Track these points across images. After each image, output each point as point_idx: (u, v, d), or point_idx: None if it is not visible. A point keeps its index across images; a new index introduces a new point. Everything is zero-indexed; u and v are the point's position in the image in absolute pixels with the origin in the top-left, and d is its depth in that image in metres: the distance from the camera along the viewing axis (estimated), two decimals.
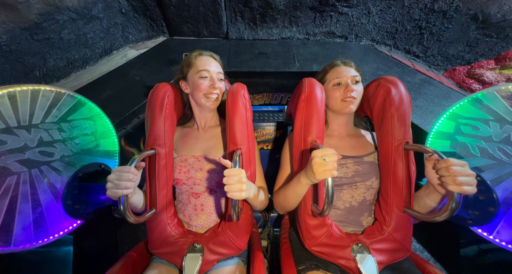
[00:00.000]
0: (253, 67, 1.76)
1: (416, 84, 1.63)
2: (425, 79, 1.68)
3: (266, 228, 1.31)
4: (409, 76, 1.71)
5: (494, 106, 0.95)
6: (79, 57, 1.76)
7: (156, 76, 1.69)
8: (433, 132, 1.04)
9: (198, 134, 0.99)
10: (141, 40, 2.15)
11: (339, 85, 0.92)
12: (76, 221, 0.96)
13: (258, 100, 2.07)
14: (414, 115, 1.30)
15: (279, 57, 1.87)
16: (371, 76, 1.65)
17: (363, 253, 0.79)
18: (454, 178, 0.62)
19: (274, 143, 1.44)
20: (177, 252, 0.83)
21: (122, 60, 1.90)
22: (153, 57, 1.92)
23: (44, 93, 0.96)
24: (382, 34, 2.06)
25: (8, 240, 0.82)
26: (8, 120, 0.88)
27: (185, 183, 0.91)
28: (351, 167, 0.89)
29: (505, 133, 0.91)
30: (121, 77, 1.68)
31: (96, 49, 1.86)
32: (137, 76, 1.69)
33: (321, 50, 1.98)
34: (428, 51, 1.98)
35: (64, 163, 0.96)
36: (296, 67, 1.77)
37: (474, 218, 0.84)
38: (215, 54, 1.00)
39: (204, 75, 0.92)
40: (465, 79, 1.83)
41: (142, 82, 1.64)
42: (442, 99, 1.50)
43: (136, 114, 1.46)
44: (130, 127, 1.37)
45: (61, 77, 1.70)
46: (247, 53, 1.92)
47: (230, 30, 2.10)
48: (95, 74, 1.73)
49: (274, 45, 2.03)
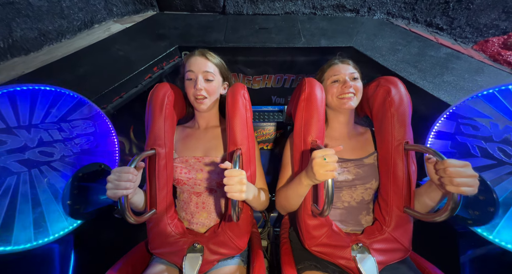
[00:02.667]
0: (253, 42, 1.57)
1: (442, 59, 1.44)
2: (451, 53, 1.50)
3: (266, 228, 1.31)
4: (432, 51, 1.51)
5: (494, 106, 0.95)
6: (54, 28, 1.53)
7: (143, 51, 1.50)
8: (433, 132, 1.04)
9: (199, 134, 0.99)
10: (127, 13, 1.90)
11: (337, 82, 0.92)
12: (76, 221, 0.96)
13: (258, 83, 1.90)
14: (442, 91, 1.20)
15: (282, 33, 1.66)
16: (388, 51, 1.49)
17: (363, 253, 0.79)
18: (452, 179, 0.62)
19: (274, 143, 1.43)
20: (177, 252, 0.83)
21: (105, 34, 1.67)
22: (140, 31, 1.71)
23: (44, 93, 0.96)
24: (399, 6, 1.80)
25: (8, 240, 0.82)
26: (8, 120, 0.88)
27: (186, 183, 0.91)
28: (352, 171, 0.89)
29: (505, 133, 0.91)
30: (101, 51, 1.49)
31: (74, 21, 1.63)
32: (120, 51, 1.49)
33: (329, 25, 1.77)
34: (454, 23, 1.73)
35: (64, 163, 0.96)
36: (302, 42, 1.57)
37: (474, 218, 0.84)
38: (209, 51, 0.97)
39: (189, 76, 0.91)
40: (500, 51, 1.57)
41: (126, 57, 1.45)
42: (474, 74, 1.32)
43: (117, 93, 1.28)
44: (112, 107, 1.22)
45: (31, 50, 1.47)
46: (246, 28, 1.71)
47: (228, 4, 1.86)
48: (71, 48, 1.51)
49: (276, 20, 1.82)
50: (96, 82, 1.25)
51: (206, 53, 0.95)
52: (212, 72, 0.93)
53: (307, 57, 1.63)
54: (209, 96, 0.92)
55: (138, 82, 1.38)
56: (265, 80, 1.87)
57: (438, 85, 1.23)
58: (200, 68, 0.91)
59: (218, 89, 0.96)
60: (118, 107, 1.26)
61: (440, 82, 1.26)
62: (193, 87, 0.90)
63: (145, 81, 1.41)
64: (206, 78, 0.91)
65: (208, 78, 0.92)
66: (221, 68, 0.98)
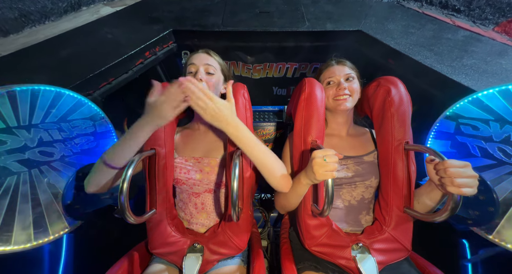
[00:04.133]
0: (254, 26, 1.48)
1: (460, 42, 1.36)
2: (470, 36, 1.41)
3: (266, 228, 1.31)
4: (449, 33, 1.43)
5: (494, 106, 0.95)
6: (36, 9, 1.43)
7: (134, 35, 1.39)
8: (433, 132, 1.04)
9: (199, 135, 0.99)
10: None
11: (332, 84, 0.93)
12: (76, 221, 0.96)
13: (259, 72, 1.78)
14: (462, 75, 1.13)
15: (285, 16, 1.57)
16: (400, 35, 1.40)
17: (363, 253, 0.79)
18: (452, 179, 0.62)
19: (274, 143, 1.43)
20: (177, 252, 0.83)
21: (93, 17, 1.56)
22: (131, 15, 1.61)
23: (44, 93, 0.96)
24: None
25: (8, 240, 0.82)
26: (8, 120, 0.88)
27: (184, 183, 0.91)
28: (351, 168, 0.89)
29: (505, 133, 0.91)
30: (88, 34, 1.39)
31: (60, 2, 1.53)
32: (109, 34, 1.39)
33: (335, 9, 1.67)
34: (472, 3, 1.62)
35: (64, 163, 0.96)
36: (306, 26, 1.48)
37: (474, 218, 0.84)
38: (212, 51, 0.98)
39: (190, 70, 0.90)
40: None
41: (115, 40, 1.35)
42: (497, 57, 1.25)
43: (105, 78, 1.18)
44: (99, 94, 1.14)
45: (10, 32, 1.38)
46: (246, 12, 1.61)
47: None
48: (55, 31, 1.41)
49: (278, 3, 1.73)
50: (80, 66, 1.15)
51: (209, 51, 0.97)
52: (214, 66, 0.92)
53: (311, 43, 1.54)
54: (212, 89, 0.90)
55: (128, 67, 1.30)
56: (265, 69, 1.77)
57: (457, 68, 1.16)
58: (202, 60, 0.91)
59: (219, 86, 0.94)
60: (106, 94, 1.18)
61: (459, 65, 1.18)
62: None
63: (136, 67, 1.33)
64: (207, 71, 0.90)
65: (210, 71, 0.91)
66: (223, 67, 0.98)
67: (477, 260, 1.01)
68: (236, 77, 1.83)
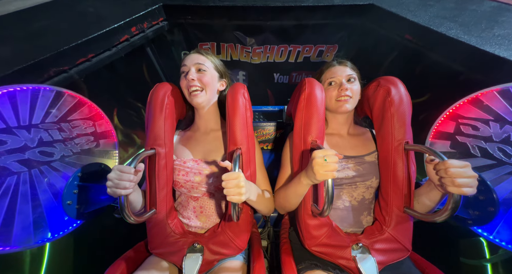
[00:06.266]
0: (253, 1, 1.35)
1: (487, 13, 1.27)
2: (498, 6, 1.32)
3: (266, 228, 1.31)
4: (473, 5, 1.33)
5: (494, 106, 0.95)
6: None
7: (117, 8, 1.26)
8: (433, 132, 1.04)
9: (199, 137, 0.98)
10: None
11: (333, 84, 0.93)
12: (76, 221, 0.96)
13: (259, 56, 1.62)
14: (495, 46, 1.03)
15: None
16: (417, 7, 1.30)
17: (363, 253, 0.79)
18: (453, 179, 0.62)
19: (274, 143, 1.43)
20: (177, 252, 0.83)
21: None
22: None
23: (44, 93, 0.96)
24: None
25: (8, 240, 0.82)
26: (8, 120, 0.88)
27: (183, 186, 0.91)
28: (352, 168, 0.89)
29: (505, 133, 0.91)
30: (66, 7, 1.26)
31: None
32: (90, 7, 1.26)
33: None
34: None
35: (64, 163, 0.96)
36: (311, 0, 1.37)
37: (474, 218, 0.84)
38: (205, 50, 0.98)
39: (182, 70, 0.92)
40: None
41: (96, 13, 1.21)
42: None
43: (83, 54, 1.04)
44: (76, 72, 1.02)
45: None
46: None
47: None
48: (29, 3, 1.27)
49: None
50: (54, 40, 1.02)
51: (201, 50, 0.97)
52: (204, 64, 0.92)
53: (316, 20, 1.41)
54: (204, 87, 0.91)
55: (111, 43, 1.16)
56: (266, 52, 1.62)
57: (488, 39, 1.06)
58: (193, 60, 0.92)
59: (213, 82, 0.94)
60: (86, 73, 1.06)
61: (490, 36, 1.08)
62: (186, 80, 0.90)
63: (122, 44, 1.20)
64: (198, 69, 0.91)
65: (201, 68, 0.91)
66: (217, 64, 0.98)
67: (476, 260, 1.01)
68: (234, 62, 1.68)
